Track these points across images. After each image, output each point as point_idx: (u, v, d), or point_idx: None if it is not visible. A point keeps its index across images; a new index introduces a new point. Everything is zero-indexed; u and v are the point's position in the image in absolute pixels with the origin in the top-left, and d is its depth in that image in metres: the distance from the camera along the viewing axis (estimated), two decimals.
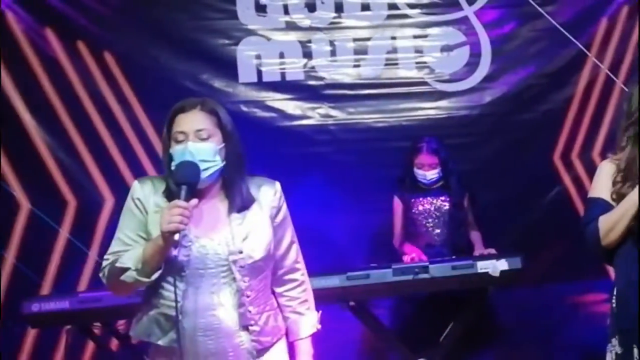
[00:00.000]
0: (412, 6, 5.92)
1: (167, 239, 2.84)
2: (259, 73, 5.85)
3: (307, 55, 5.87)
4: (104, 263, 3.02)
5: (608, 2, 5.95)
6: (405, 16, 5.92)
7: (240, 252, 2.98)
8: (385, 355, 5.57)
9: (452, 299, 4.99)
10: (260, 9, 5.83)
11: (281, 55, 5.87)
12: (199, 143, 2.96)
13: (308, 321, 3.24)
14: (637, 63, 5.82)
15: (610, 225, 3.37)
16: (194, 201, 2.89)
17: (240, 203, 3.03)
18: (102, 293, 4.35)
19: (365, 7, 5.89)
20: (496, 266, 4.73)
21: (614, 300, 3.47)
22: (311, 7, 5.87)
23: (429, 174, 5.36)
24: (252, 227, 3.03)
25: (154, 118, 5.58)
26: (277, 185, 3.19)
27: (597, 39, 5.96)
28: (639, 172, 3.39)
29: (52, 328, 5.15)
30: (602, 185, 3.49)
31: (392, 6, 5.91)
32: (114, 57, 5.71)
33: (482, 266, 4.74)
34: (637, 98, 3.52)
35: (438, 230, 5.42)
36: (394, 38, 5.93)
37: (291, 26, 5.87)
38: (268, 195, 3.12)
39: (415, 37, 5.94)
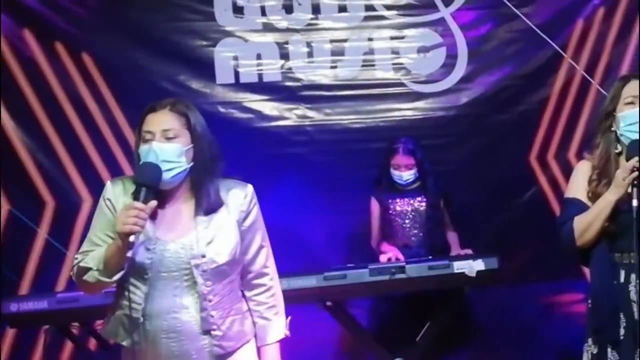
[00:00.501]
0: (388, 7, 5.93)
1: (124, 241, 2.84)
2: (237, 74, 5.86)
3: (284, 56, 5.89)
4: (74, 262, 3.04)
5: (584, 3, 5.97)
6: (382, 17, 5.94)
7: (203, 256, 2.98)
8: (362, 355, 5.58)
9: (428, 299, 5.02)
10: (238, 10, 5.84)
11: (258, 57, 5.88)
12: (164, 143, 2.96)
13: (275, 327, 3.22)
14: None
15: (585, 226, 3.42)
16: (153, 203, 2.89)
17: (207, 206, 3.03)
18: (80, 293, 4.33)
19: (342, 9, 5.91)
20: (472, 266, 4.77)
21: (589, 301, 3.53)
22: (288, 9, 5.88)
23: (405, 175, 5.38)
24: (218, 230, 3.02)
25: (132, 119, 5.54)
26: (249, 188, 3.17)
27: (573, 41, 5.97)
28: (614, 170, 3.44)
29: (30, 328, 5.19)
30: (578, 186, 3.55)
31: (369, 8, 5.93)
32: (92, 58, 5.73)
33: (459, 266, 4.78)
34: (610, 97, 3.57)
35: (415, 231, 5.43)
36: (370, 39, 5.94)
37: (268, 27, 5.88)
38: (237, 198, 3.10)
39: (392, 38, 5.96)
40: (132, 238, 2.83)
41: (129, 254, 2.88)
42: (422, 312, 5.07)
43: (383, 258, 5.21)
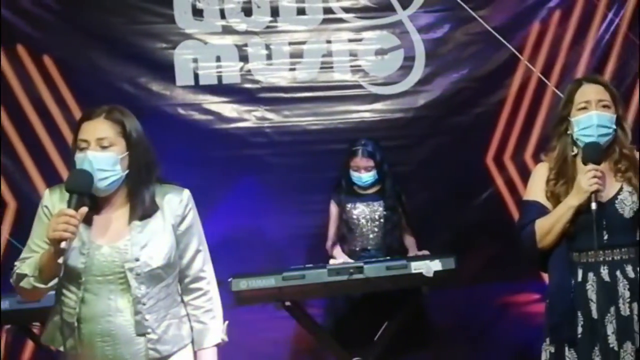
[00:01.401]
0: (347, 10, 5.96)
1: (55, 247, 2.86)
2: (196, 76, 5.88)
3: (244, 58, 5.91)
4: (14, 269, 3.05)
5: (540, 6, 6.00)
6: (341, 20, 5.96)
7: (137, 260, 3.00)
8: (321, 355, 5.63)
9: (386, 299, 5.06)
10: (197, 13, 5.87)
11: (218, 59, 5.90)
12: (99, 152, 2.97)
13: (212, 331, 3.22)
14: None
15: (547, 229, 3.49)
16: (84, 209, 2.90)
17: (142, 211, 3.05)
18: None
19: (301, 11, 5.93)
20: (430, 267, 4.80)
21: (547, 300, 3.60)
22: (247, 12, 5.90)
23: (365, 177, 5.42)
24: (153, 235, 3.05)
25: None
26: (185, 193, 3.18)
27: (530, 43, 6.00)
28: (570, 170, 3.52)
29: None
30: (536, 188, 3.62)
31: (328, 10, 5.95)
32: (53, 61, 5.76)
33: (416, 267, 4.82)
34: (563, 102, 3.63)
35: (373, 234, 5.48)
36: (329, 42, 5.97)
37: (228, 30, 5.90)
38: (173, 203, 3.12)
39: (350, 40, 5.98)
40: (63, 244, 2.85)
41: (60, 260, 2.89)
42: (380, 312, 5.11)
43: (333, 262, 5.23)
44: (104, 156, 2.98)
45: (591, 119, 3.48)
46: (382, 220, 5.47)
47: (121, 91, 5.73)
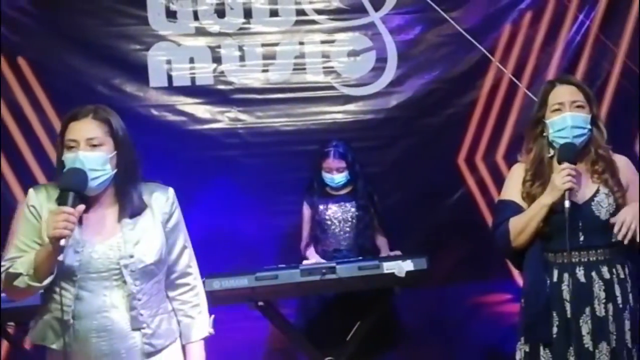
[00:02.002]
0: (319, 12, 5.99)
1: (54, 245, 2.90)
2: (170, 78, 5.91)
3: (217, 60, 5.94)
4: (2, 269, 3.08)
5: (511, 8, 6.04)
6: (313, 22, 6.00)
7: (132, 257, 3.05)
8: (293, 355, 5.66)
9: (359, 299, 5.09)
10: (171, 15, 5.90)
11: (191, 60, 5.94)
12: (90, 152, 3.00)
13: (199, 325, 3.29)
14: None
15: (521, 227, 3.49)
16: (81, 207, 2.95)
17: (131, 209, 3.10)
18: None
19: (274, 13, 5.97)
20: (402, 267, 4.83)
21: (522, 300, 3.59)
22: (220, 13, 5.94)
23: (337, 178, 5.45)
24: (144, 232, 3.10)
25: None
26: (170, 191, 3.23)
27: (501, 44, 6.05)
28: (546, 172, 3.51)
29: None
30: (512, 188, 3.61)
31: (300, 12, 5.99)
32: (28, 63, 5.78)
33: (388, 267, 4.85)
34: (538, 104, 3.63)
35: (345, 235, 5.51)
36: (301, 43, 6.00)
37: (201, 32, 5.94)
38: (160, 201, 3.18)
39: (323, 42, 6.02)
40: (62, 242, 2.88)
41: (60, 257, 2.94)
42: (352, 312, 5.15)
43: (306, 263, 5.26)
44: (95, 156, 3.01)
45: (565, 120, 3.49)
46: (354, 220, 5.50)
47: (95, 92, 5.74)
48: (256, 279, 4.79)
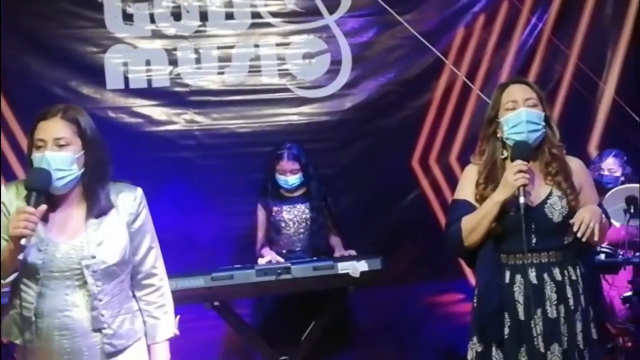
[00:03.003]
0: (274, 15, 6.04)
1: (15, 244, 2.91)
2: (126, 80, 5.94)
3: (173, 62, 5.97)
4: None
5: (465, 11, 6.10)
6: (268, 25, 6.04)
7: (94, 257, 3.07)
8: (249, 354, 5.69)
9: (314, 299, 5.12)
10: (127, 17, 5.93)
11: (147, 63, 5.97)
12: (57, 152, 3.02)
13: (164, 326, 3.30)
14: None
15: (473, 226, 3.47)
16: (43, 207, 2.97)
17: (97, 209, 3.11)
18: None
19: (229, 16, 6.00)
20: (356, 267, 4.88)
21: (475, 300, 3.59)
22: (177, 16, 5.97)
23: (291, 180, 5.49)
24: (108, 232, 3.11)
25: (25, 124, 5.61)
26: (138, 191, 3.26)
27: (454, 47, 6.10)
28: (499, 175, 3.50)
29: None
30: (466, 188, 3.60)
31: (255, 15, 6.02)
32: None
33: (343, 267, 4.90)
34: (491, 105, 3.62)
35: (300, 236, 5.55)
36: (257, 46, 6.04)
37: (157, 34, 5.97)
38: (127, 201, 3.19)
39: (278, 45, 6.06)
40: (23, 241, 2.89)
41: (20, 256, 2.96)
42: (307, 312, 5.19)
43: (261, 261, 5.31)
44: (61, 156, 3.03)
45: (520, 115, 3.48)
46: (308, 222, 5.53)
47: (52, 94, 5.76)
48: (212, 279, 4.82)
